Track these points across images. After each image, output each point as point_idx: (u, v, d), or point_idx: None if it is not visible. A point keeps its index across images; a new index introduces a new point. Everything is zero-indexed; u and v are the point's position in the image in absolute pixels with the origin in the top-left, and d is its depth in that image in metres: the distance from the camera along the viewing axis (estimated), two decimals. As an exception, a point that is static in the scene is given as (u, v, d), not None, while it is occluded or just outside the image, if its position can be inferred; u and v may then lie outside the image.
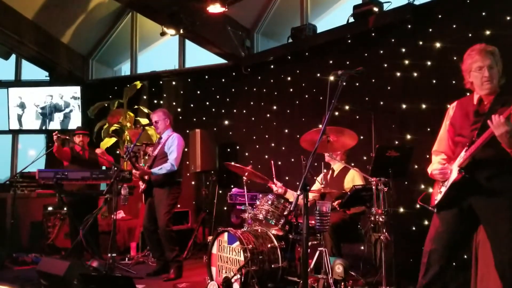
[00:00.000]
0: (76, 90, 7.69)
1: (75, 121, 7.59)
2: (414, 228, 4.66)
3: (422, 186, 4.54)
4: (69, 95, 7.71)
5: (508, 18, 4.28)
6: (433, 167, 2.72)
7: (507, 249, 2.43)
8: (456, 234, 2.59)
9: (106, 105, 7.38)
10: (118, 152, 7.11)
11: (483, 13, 4.44)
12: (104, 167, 5.80)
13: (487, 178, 2.49)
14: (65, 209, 5.65)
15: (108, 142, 7.05)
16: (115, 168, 4.57)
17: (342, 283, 3.43)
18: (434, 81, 4.73)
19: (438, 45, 4.73)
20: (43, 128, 7.82)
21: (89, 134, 5.95)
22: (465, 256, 4.05)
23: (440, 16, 4.79)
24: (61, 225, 5.84)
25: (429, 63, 4.78)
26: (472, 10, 4.53)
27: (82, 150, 5.56)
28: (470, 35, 4.50)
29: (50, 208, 6.03)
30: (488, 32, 4.37)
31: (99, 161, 5.58)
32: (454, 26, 4.65)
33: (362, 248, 4.36)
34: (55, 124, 7.71)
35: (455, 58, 4.56)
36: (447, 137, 2.79)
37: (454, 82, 4.56)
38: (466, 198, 2.55)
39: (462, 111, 2.73)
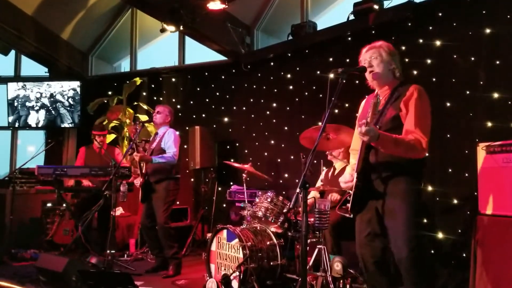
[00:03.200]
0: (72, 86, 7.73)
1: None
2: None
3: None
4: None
5: (509, 16, 4.26)
6: (345, 175, 2.69)
7: (403, 247, 2.43)
8: (376, 235, 2.58)
9: (105, 101, 7.35)
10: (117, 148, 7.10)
11: (484, 11, 4.42)
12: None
13: (383, 180, 2.51)
14: (64, 205, 5.64)
15: (107, 138, 7.03)
16: (114, 165, 4.57)
17: (341, 281, 3.43)
18: (434, 79, 4.72)
19: (438, 43, 4.72)
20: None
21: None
22: (464, 255, 4.06)
23: (440, 14, 4.77)
24: (60, 221, 5.83)
25: (429, 61, 4.77)
26: (472, 8, 4.52)
27: (99, 149, 5.80)
28: (470, 33, 4.49)
29: (49, 204, 6.03)
30: (488, 31, 4.36)
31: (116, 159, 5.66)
32: (454, 24, 4.64)
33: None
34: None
35: (455, 56, 4.57)
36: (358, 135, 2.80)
37: (454, 80, 4.56)
38: (371, 200, 2.57)
39: (365, 108, 2.77)
